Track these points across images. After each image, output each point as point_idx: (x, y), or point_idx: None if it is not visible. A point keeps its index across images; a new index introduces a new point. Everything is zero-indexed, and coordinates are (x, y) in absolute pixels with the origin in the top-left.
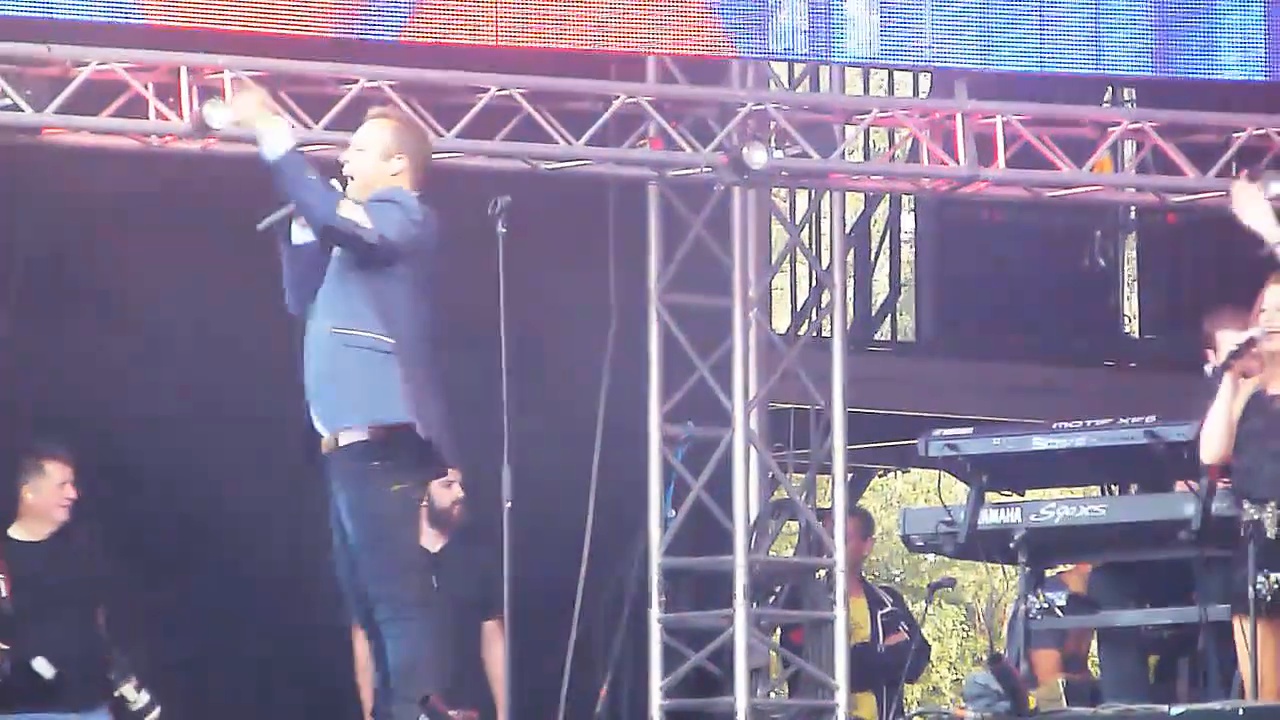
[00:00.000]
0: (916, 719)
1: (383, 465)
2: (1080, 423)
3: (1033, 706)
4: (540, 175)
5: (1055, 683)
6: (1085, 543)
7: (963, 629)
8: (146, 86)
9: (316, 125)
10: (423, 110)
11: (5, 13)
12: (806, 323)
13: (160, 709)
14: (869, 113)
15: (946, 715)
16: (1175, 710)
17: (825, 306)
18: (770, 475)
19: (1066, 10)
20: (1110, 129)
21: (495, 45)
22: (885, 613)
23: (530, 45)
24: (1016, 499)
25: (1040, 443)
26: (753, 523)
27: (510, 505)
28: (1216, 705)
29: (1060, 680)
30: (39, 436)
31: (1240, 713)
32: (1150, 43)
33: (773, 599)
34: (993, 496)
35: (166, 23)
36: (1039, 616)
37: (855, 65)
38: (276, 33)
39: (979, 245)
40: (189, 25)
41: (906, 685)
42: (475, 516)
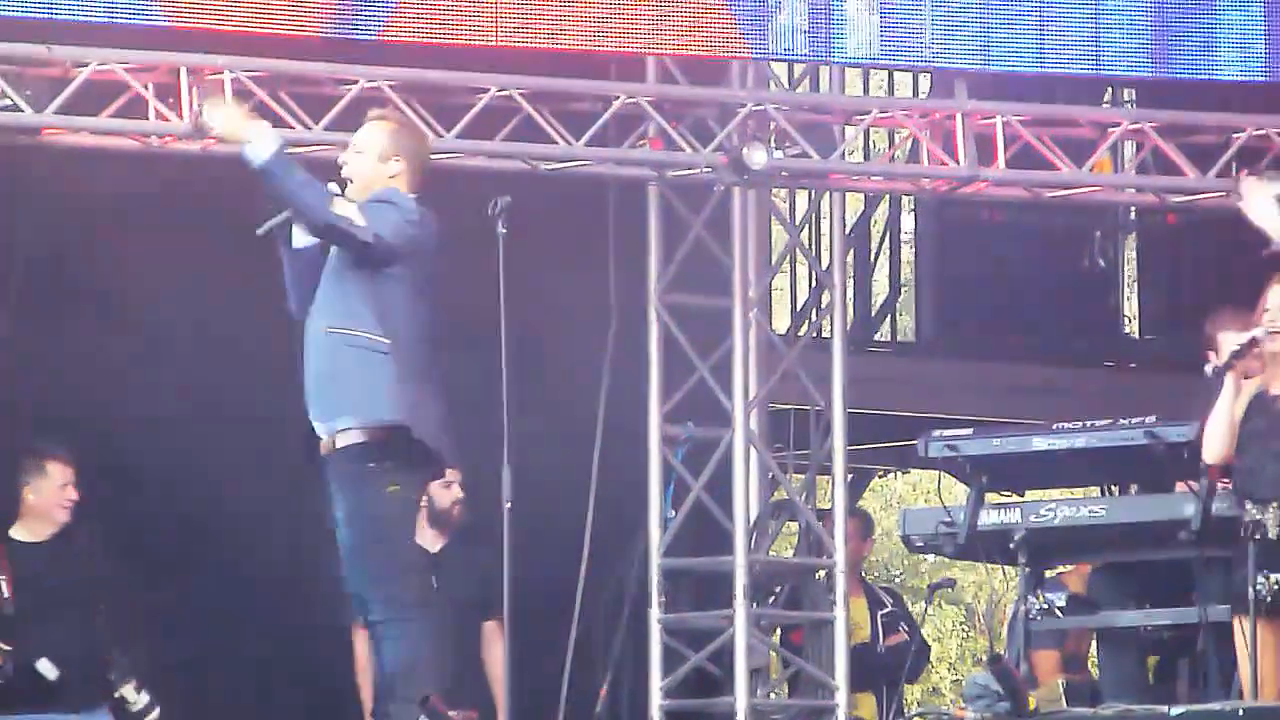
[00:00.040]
0: (916, 719)
1: (379, 467)
2: (1080, 423)
3: (1033, 707)
4: (540, 175)
5: (1055, 683)
6: (1085, 543)
7: (963, 629)
8: (146, 87)
9: (316, 126)
10: (423, 110)
11: (5, 13)
12: (806, 323)
13: (160, 709)
14: (869, 113)
15: (946, 716)
16: (1175, 711)
17: (825, 307)
18: (770, 476)
19: (1066, 10)
20: (1110, 129)
21: (495, 45)
22: (885, 613)
23: (530, 46)
24: (1016, 499)
25: (1040, 443)
26: (753, 523)
27: (510, 505)
28: (1216, 706)
29: (1060, 681)
30: (39, 437)
31: (1240, 713)
32: (1149, 43)
33: (773, 599)
34: (993, 497)
35: (148, 22)
36: (1039, 617)
37: (855, 65)
38: (270, 32)
39: (979, 245)
40: (177, 25)
41: (906, 686)
42: (475, 516)
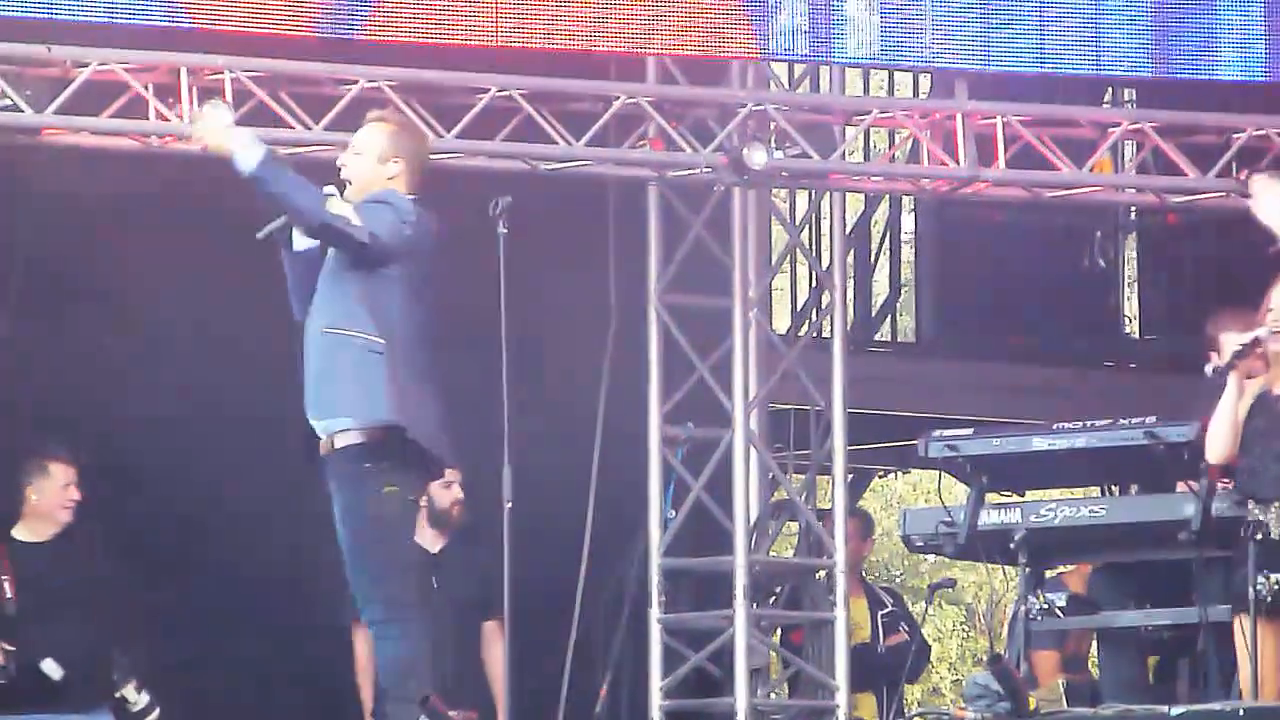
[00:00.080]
0: (916, 719)
1: (376, 467)
2: (1080, 423)
3: (1033, 707)
4: (540, 175)
5: (1055, 684)
6: (1085, 543)
7: (963, 629)
8: (146, 87)
9: (316, 126)
10: (422, 111)
11: (5, 13)
12: (806, 323)
13: (160, 709)
14: (869, 113)
15: (946, 716)
16: (1175, 711)
17: (825, 307)
18: (770, 476)
19: (1066, 11)
20: (1110, 129)
21: (494, 45)
22: (885, 613)
23: (529, 45)
24: (1016, 499)
25: (1040, 443)
26: (753, 523)
27: (510, 505)
28: (1216, 705)
29: (1060, 681)
30: (40, 437)
31: (1240, 713)
32: (1149, 43)
33: (773, 599)
34: (993, 497)
35: (148, 22)
36: (1039, 617)
37: (855, 65)
38: (269, 31)
39: (979, 245)
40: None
41: (907, 686)
42: (475, 516)
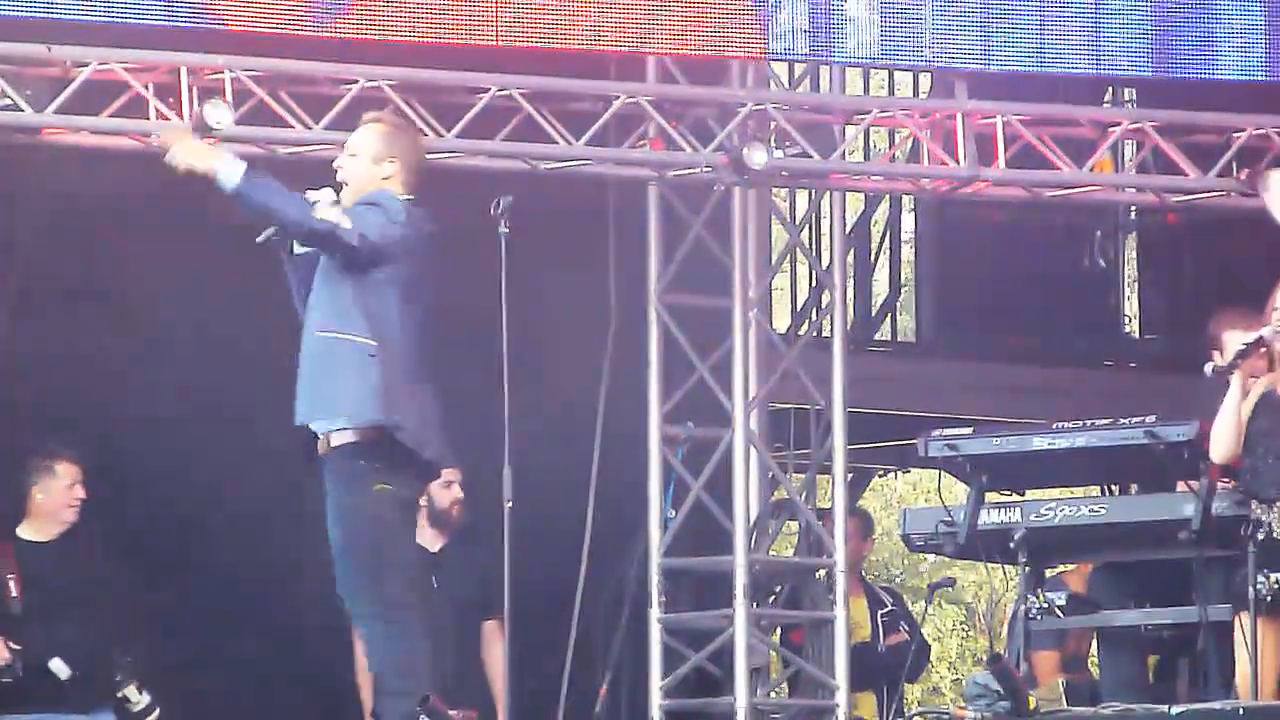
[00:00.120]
0: (917, 719)
1: (369, 466)
2: (1080, 423)
3: (1033, 707)
4: (540, 175)
5: (1055, 683)
6: (1085, 543)
7: (963, 629)
8: (146, 86)
9: (316, 126)
10: (422, 110)
11: (5, 13)
12: (806, 323)
13: (160, 709)
14: (869, 113)
15: (947, 715)
16: (1175, 710)
17: (825, 306)
18: (770, 475)
19: (1066, 10)
20: (1110, 129)
21: (494, 45)
22: (885, 613)
23: (529, 45)
24: (1016, 499)
25: (1040, 443)
26: (753, 523)
27: (510, 505)
28: (1216, 705)
29: (1060, 681)
30: (40, 437)
31: (1240, 713)
32: (1150, 43)
33: (773, 599)
34: (993, 496)
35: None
36: (1039, 617)
37: (855, 65)
38: (269, 31)
39: (979, 245)
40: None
41: (907, 685)
42: (475, 516)
